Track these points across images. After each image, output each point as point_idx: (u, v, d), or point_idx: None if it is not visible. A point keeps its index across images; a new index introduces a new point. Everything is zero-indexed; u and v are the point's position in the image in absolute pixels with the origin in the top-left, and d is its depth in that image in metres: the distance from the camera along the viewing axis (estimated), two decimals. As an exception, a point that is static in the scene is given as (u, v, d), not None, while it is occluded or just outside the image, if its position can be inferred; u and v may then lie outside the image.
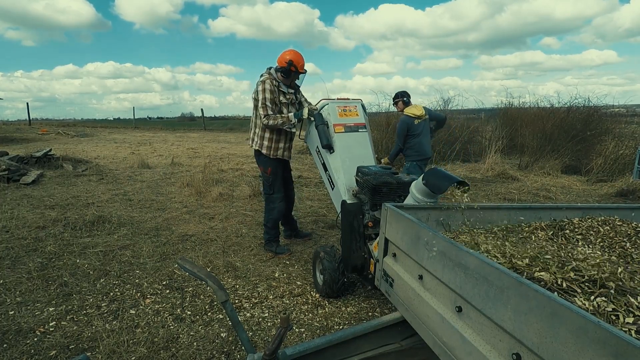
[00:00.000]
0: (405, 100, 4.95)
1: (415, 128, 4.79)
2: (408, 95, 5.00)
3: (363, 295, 2.99)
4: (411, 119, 4.78)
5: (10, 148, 10.74)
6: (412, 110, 4.83)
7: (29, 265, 3.34)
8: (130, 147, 12.78)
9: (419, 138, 4.79)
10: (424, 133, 4.84)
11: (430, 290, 1.48)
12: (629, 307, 1.05)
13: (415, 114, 4.79)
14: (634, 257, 1.51)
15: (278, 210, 3.64)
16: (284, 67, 3.37)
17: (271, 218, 3.67)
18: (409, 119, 4.78)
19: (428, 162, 5.09)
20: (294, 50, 3.44)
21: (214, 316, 2.67)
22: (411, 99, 5.03)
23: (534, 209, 2.08)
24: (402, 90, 5.04)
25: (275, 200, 3.63)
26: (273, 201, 3.64)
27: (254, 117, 3.55)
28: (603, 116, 9.87)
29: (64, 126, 24.12)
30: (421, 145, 4.81)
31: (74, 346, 2.30)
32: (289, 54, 3.40)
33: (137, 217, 4.86)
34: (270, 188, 3.62)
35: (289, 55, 3.39)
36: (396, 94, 5.04)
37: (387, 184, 2.59)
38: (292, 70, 3.39)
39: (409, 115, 4.79)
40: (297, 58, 3.39)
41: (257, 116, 3.47)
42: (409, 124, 4.77)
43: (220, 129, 25.43)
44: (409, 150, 4.82)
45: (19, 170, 6.87)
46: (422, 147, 4.81)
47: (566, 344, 0.88)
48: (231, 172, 8.00)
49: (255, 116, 3.51)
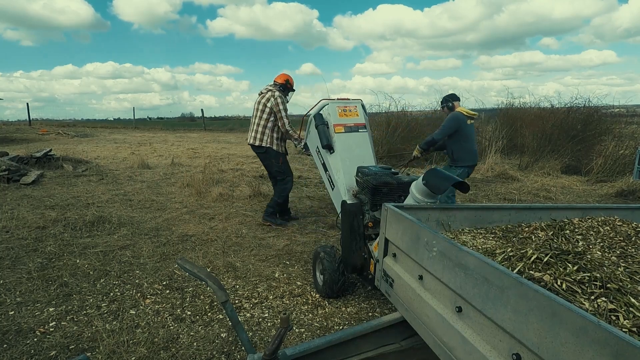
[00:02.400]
0: (450, 105, 4.47)
1: (468, 128, 4.32)
2: (454, 99, 4.51)
3: (363, 296, 2.99)
4: (464, 116, 4.29)
5: (11, 148, 10.75)
6: (465, 109, 4.36)
7: (29, 265, 3.34)
8: (130, 148, 12.78)
9: (471, 141, 4.37)
10: (474, 136, 4.46)
11: (430, 291, 1.48)
12: (629, 308, 1.05)
13: (469, 113, 4.34)
14: (634, 257, 1.51)
15: (289, 188, 4.59)
16: (283, 84, 4.42)
17: (283, 195, 4.56)
18: (462, 116, 4.28)
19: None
20: (287, 74, 4.56)
21: (214, 316, 2.67)
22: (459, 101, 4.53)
23: (534, 209, 2.08)
24: (450, 94, 4.56)
25: (288, 181, 4.56)
26: (286, 182, 4.54)
27: (263, 120, 4.34)
28: (603, 116, 9.88)
29: (64, 126, 24.12)
30: (474, 150, 4.40)
31: (74, 346, 2.30)
32: (286, 76, 4.51)
33: (137, 217, 4.86)
34: (284, 173, 4.53)
35: (286, 77, 4.50)
36: (442, 99, 4.58)
37: (387, 184, 2.59)
38: (288, 87, 4.47)
39: (462, 112, 4.32)
40: (291, 79, 4.52)
41: (267, 120, 4.33)
42: (461, 121, 4.26)
43: (220, 129, 25.44)
44: (462, 153, 4.32)
45: (19, 171, 6.87)
46: (474, 152, 4.41)
47: (566, 344, 0.88)
48: (231, 172, 8.00)
49: (266, 120, 4.33)
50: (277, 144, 4.41)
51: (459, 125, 4.27)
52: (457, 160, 4.35)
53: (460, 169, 4.33)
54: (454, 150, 4.35)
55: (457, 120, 4.28)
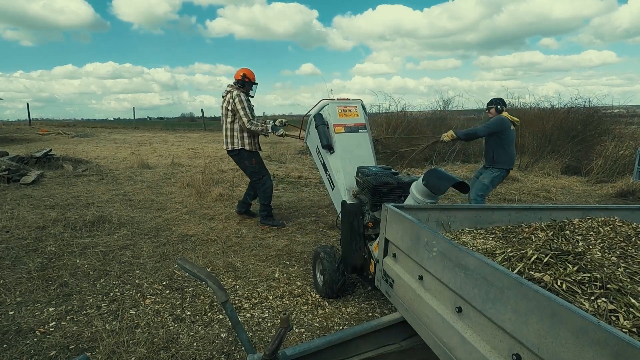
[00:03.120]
0: (499, 108, 4.53)
1: (510, 134, 4.42)
2: (504, 103, 4.59)
3: (363, 296, 2.99)
4: (509, 122, 4.40)
5: (11, 148, 10.74)
6: (510, 116, 4.48)
7: (29, 265, 3.34)
8: (131, 148, 12.78)
9: (512, 147, 4.46)
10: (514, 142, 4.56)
11: (430, 291, 1.48)
12: (629, 308, 1.05)
13: (514, 120, 4.46)
14: (634, 257, 1.51)
15: (269, 186, 4.53)
16: (240, 80, 4.39)
17: (266, 195, 4.52)
18: (509, 121, 4.39)
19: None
20: (245, 68, 4.50)
21: (214, 316, 2.67)
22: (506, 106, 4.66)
23: (534, 209, 2.08)
24: (498, 97, 4.64)
25: (266, 180, 4.52)
26: (264, 182, 4.50)
27: (229, 124, 4.39)
28: (603, 117, 9.88)
29: (64, 126, 24.12)
30: (513, 154, 4.53)
31: (74, 346, 2.30)
32: (242, 70, 4.46)
33: (137, 217, 4.86)
34: (259, 173, 4.50)
35: (242, 71, 4.44)
36: (491, 100, 4.64)
37: (388, 185, 2.59)
38: (246, 81, 4.41)
39: (509, 118, 4.43)
40: (249, 72, 4.46)
41: (233, 122, 4.36)
42: (507, 125, 4.35)
43: (220, 129, 25.41)
44: (505, 156, 4.39)
45: (19, 171, 6.87)
46: (514, 156, 4.54)
47: (566, 345, 0.88)
48: (231, 172, 8.00)
49: (231, 122, 4.37)
50: (249, 142, 4.41)
51: (504, 127, 4.34)
52: (497, 162, 4.41)
53: (498, 171, 4.41)
54: (495, 152, 4.41)
55: (504, 122, 4.35)
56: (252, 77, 4.46)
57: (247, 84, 4.43)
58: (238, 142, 4.39)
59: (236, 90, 4.31)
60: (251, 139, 4.43)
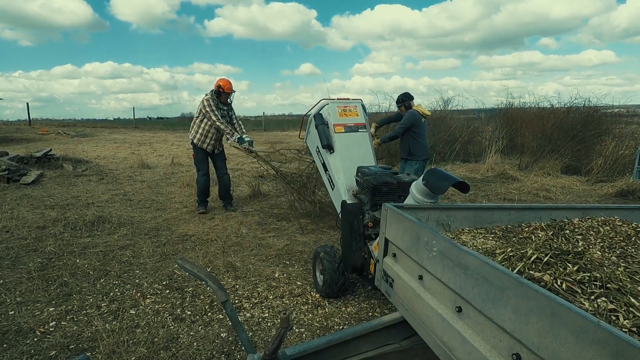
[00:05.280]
0: (407, 104, 4.89)
1: (422, 126, 4.79)
2: (411, 98, 4.94)
3: (363, 296, 2.99)
4: (420, 115, 4.75)
5: (11, 148, 10.74)
6: (421, 108, 4.82)
7: (29, 265, 3.34)
8: (130, 147, 12.78)
9: (425, 138, 4.83)
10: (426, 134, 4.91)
11: (430, 291, 1.48)
12: (629, 308, 1.05)
13: (425, 112, 4.81)
14: (634, 257, 1.51)
15: (200, 182, 5.10)
16: (216, 89, 4.94)
17: (198, 186, 5.14)
18: (419, 115, 4.74)
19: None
20: (223, 78, 5.00)
21: (214, 316, 2.67)
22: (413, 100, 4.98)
23: (534, 209, 2.08)
24: (405, 93, 4.99)
25: (200, 175, 5.10)
26: (199, 176, 5.11)
27: (195, 119, 5.03)
28: (603, 116, 9.87)
29: (63, 126, 24.10)
30: (427, 145, 4.90)
31: (74, 346, 2.30)
32: (219, 81, 4.97)
33: (137, 217, 4.86)
34: (197, 167, 5.14)
35: (218, 82, 4.97)
36: (398, 98, 5.01)
37: (387, 184, 2.59)
38: (221, 91, 4.92)
39: (419, 111, 4.76)
40: (224, 83, 4.95)
41: (197, 119, 4.99)
42: (417, 119, 4.72)
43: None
44: (419, 149, 4.79)
45: (19, 170, 6.87)
46: (427, 147, 4.90)
47: (566, 344, 0.88)
48: (231, 172, 7.98)
49: (195, 119, 5.02)
50: (199, 139, 4.97)
51: (416, 121, 4.71)
52: (413, 154, 4.82)
53: (417, 163, 4.82)
54: (410, 145, 4.80)
55: (414, 116, 4.72)
56: (226, 88, 4.95)
57: (221, 93, 4.95)
58: (193, 134, 5.03)
59: (208, 95, 4.92)
60: (203, 137, 4.97)
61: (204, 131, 4.94)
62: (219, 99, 4.95)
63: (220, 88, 4.92)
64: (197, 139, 4.99)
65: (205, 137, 4.97)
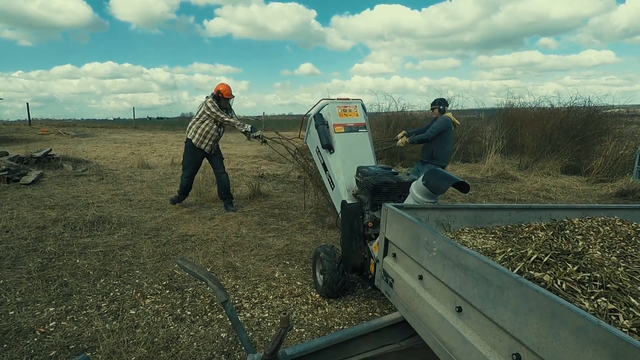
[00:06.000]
0: (441, 108, 4.89)
1: (450, 133, 4.78)
2: (446, 104, 4.96)
3: (363, 296, 2.99)
4: (451, 123, 4.74)
5: (10, 148, 10.73)
6: (452, 117, 4.81)
7: (29, 265, 3.34)
8: (130, 147, 12.77)
9: (450, 145, 4.83)
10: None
11: (430, 291, 1.48)
12: (629, 308, 1.05)
13: (455, 122, 4.82)
14: (634, 257, 1.51)
15: (183, 182, 5.22)
16: (214, 94, 5.00)
17: (180, 185, 5.28)
18: (451, 122, 4.73)
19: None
20: (223, 83, 5.07)
21: (214, 316, 2.67)
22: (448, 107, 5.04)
23: (534, 209, 2.08)
24: (441, 98, 5.00)
25: (183, 176, 5.21)
26: (184, 176, 5.20)
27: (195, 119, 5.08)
28: (603, 116, 9.87)
29: (63, 126, 24.09)
30: (450, 153, 4.97)
31: (74, 346, 2.30)
32: (219, 86, 5.05)
33: (137, 217, 4.86)
34: (183, 166, 5.23)
35: (218, 87, 5.04)
36: (435, 101, 5.00)
37: (387, 184, 2.59)
38: (220, 97, 4.99)
39: (451, 119, 4.76)
40: (224, 89, 5.01)
41: (197, 120, 5.04)
42: (449, 126, 4.71)
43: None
44: (442, 154, 4.75)
45: (19, 170, 6.87)
46: (449, 154, 4.98)
47: (566, 344, 0.88)
48: (231, 172, 7.99)
49: (196, 119, 5.06)
50: (197, 139, 5.02)
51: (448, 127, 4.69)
52: (434, 159, 4.75)
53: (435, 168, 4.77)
54: (434, 149, 4.73)
55: (447, 122, 4.70)
56: (225, 93, 5.01)
57: (221, 99, 5.02)
58: (191, 133, 5.07)
59: (210, 97, 4.98)
60: (202, 137, 5.02)
61: (204, 132, 5.00)
62: (218, 104, 5.01)
63: (220, 94, 5.00)
64: (195, 139, 5.05)
65: (204, 138, 5.04)
